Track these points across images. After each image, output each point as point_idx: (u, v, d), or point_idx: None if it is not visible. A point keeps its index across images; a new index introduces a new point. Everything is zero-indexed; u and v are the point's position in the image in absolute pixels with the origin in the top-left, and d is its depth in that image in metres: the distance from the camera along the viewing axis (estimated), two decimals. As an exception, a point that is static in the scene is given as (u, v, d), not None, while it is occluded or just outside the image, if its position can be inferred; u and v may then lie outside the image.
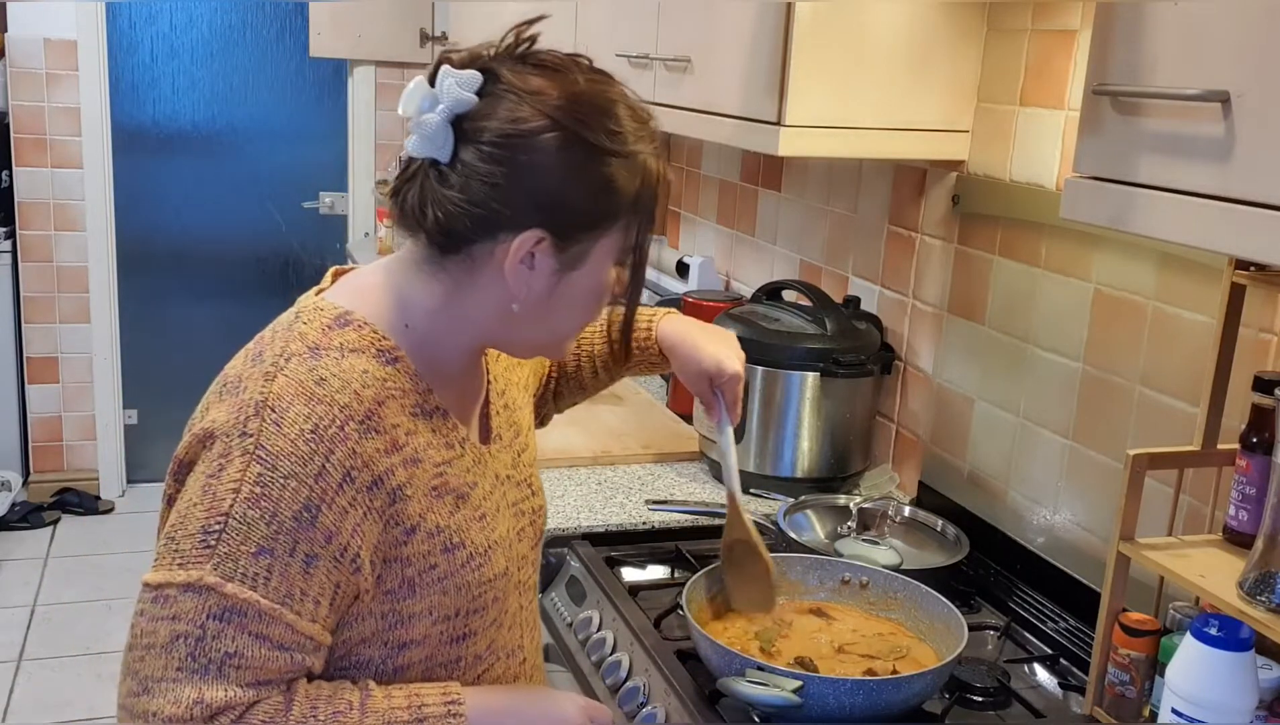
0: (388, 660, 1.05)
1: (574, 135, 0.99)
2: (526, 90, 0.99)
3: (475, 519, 1.08)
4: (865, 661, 1.37)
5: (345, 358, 1.01)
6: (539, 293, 1.04)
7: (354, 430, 0.97)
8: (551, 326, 1.09)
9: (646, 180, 1.04)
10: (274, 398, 0.97)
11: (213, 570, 0.94)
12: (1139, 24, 1.01)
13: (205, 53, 4.40)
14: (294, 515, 0.95)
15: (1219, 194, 0.92)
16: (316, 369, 0.99)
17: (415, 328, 1.06)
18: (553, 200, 1.00)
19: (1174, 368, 1.42)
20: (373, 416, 0.99)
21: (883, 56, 1.66)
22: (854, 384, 1.93)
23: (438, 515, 1.04)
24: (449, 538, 1.04)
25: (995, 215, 1.73)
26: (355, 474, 0.97)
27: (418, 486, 1.02)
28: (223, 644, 0.94)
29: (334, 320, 1.03)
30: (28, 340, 4.30)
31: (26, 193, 4.18)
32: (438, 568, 1.04)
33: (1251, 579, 1.11)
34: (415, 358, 1.06)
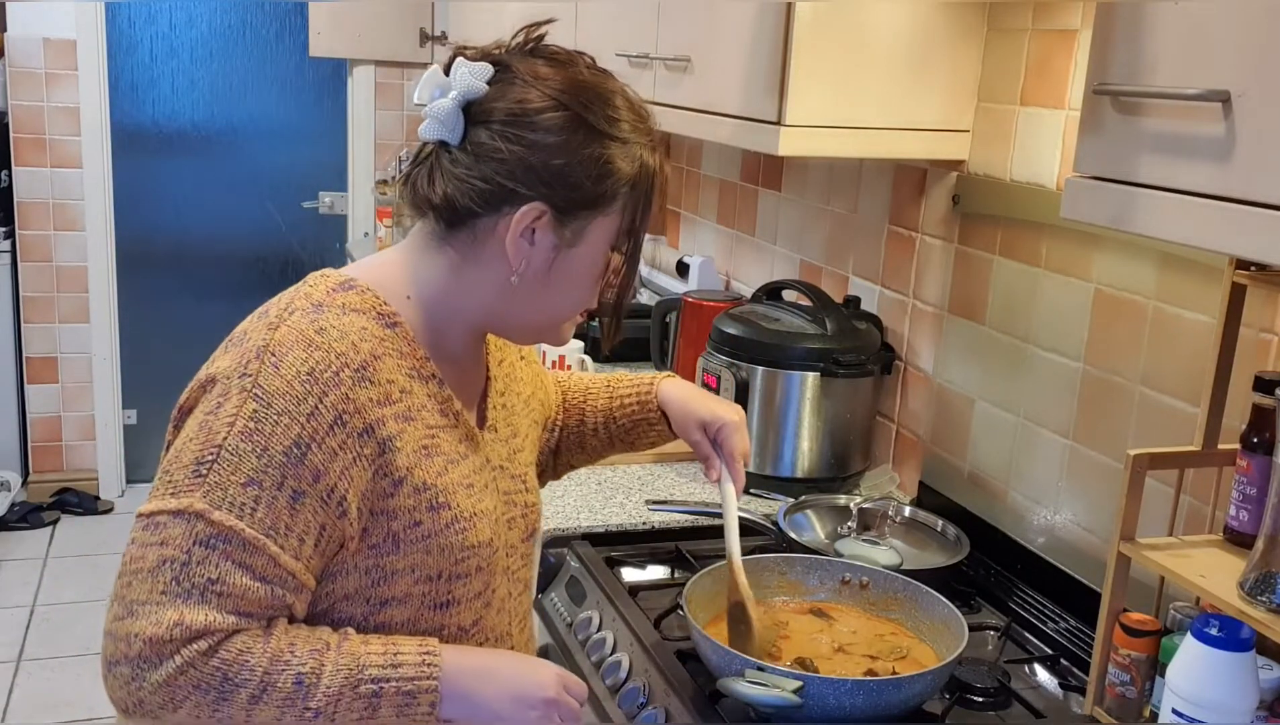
0: (369, 618, 1.07)
1: (576, 116, 1.05)
2: (533, 76, 1.06)
3: (463, 485, 1.11)
4: (865, 662, 1.37)
5: (346, 315, 1.05)
6: (538, 267, 1.08)
7: (349, 377, 1.01)
8: (548, 306, 1.12)
9: (644, 170, 1.09)
10: (275, 343, 1.02)
11: (202, 498, 0.97)
12: (1139, 24, 1.01)
13: (205, 52, 4.40)
14: (284, 451, 0.99)
15: (1219, 194, 0.92)
16: (318, 321, 1.04)
17: (417, 299, 1.12)
18: (554, 176, 1.05)
19: (1174, 368, 1.42)
20: (368, 367, 1.03)
21: (883, 56, 1.66)
22: (854, 384, 1.93)
23: (425, 472, 1.07)
24: (435, 496, 1.07)
25: (996, 215, 1.73)
26: (347, 418, 1.01)
27: (408, 441, 1.05)
28: (206, 569, 0.97)
29: (339, 285, 1.08)
30: (27, 340, 4.30)
31: (26, 192, 4.18)
32: (422, 525, 1.07)
33: (1252, 579, 1.11)
34: (415, 327, 1.10)
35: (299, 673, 0.99)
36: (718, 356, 1.97)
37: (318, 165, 4.59)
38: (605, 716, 1.42)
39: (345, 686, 1.00)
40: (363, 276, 1.11)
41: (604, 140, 1.07)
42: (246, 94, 4.46)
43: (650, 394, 1.44)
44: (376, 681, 1.02)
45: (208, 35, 4.38)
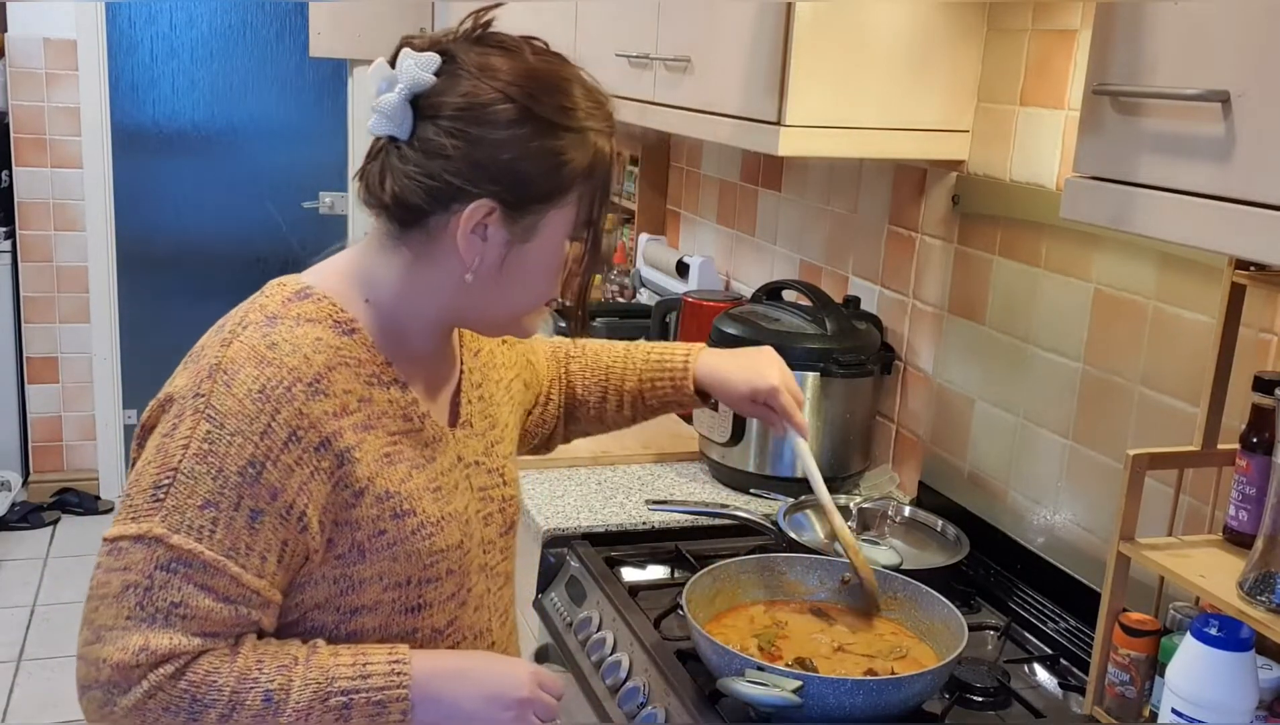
0: (340, 626, 1.07)
1: (525, 109, 1.03)
2: (482, 68, 1.04)
3: (429, 490, 1.10)
4: (865, 661, 1.37)
5: (300, 326, 1.04)
6: (491, 264, 1.07)
7: (301, 392, 1.01)
8: (507, 301, 1.11)
9: (599, 157, 1.07)
10: (227, 361, 1.01)
11: (161, 522, 0.98)
12: (1139, 24, 1.01)
13: (205, 52, 4.40)
14: (239, 471, 0.98)
15: (1219, 194, 0.92)
16: (270, 335, 1.03)
17: (376, 302, 1.10)
18: (503, 171, 1.04)
19: (1174, 368, 1.42)
20: (321, 380, 1.02)
21: (883, 56, 1.66)
22: (854, 384, 1.93)
23: (387, 480, 1.06)
24: (399, 504, 1.07)
25: (995, 215, 1.73)
26: (302, 434, 1.00)
27: (368, 451, 1.05)
28: (169, 593, 0.97)
29: (294, 294, 1.08)
30: (27, 340, 4.31)
31: (26, 193, 4.19)
32: (387, 533, 1.06)
33: (1251, 579, 1.11)
34: (375, 331, 1.09)
35: (267, 690, 1.00)
36: (718, 356, 1.97)
37: (318, 165, 4.59)
38: (605, 716, 1.42)
39: (315, 700, 1.01)
40: (320, 282, 1.10)
41: (556, 132, 1.04)
42: (247, 94, 4.46)
43: (685, 377, 1.43)
44: (346, 693, 1.02)
45: (208, 35, 4.38)
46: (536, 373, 1.42)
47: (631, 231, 3.07)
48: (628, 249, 3.05)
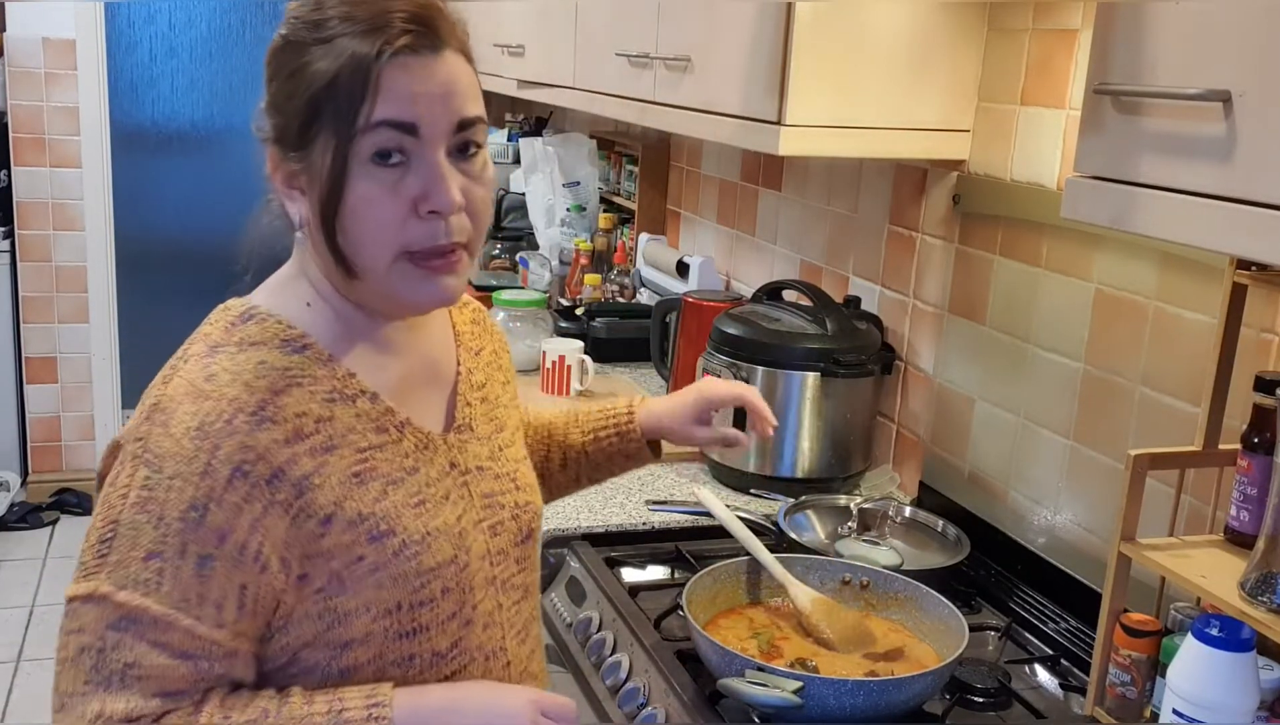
0: (333, 663, 1.00)
1: (282, 38, 0.99)
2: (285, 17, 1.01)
3: (410, 505, 1.02)
4: (866, 662, 1.36)
5: (243, 352, 0.98)
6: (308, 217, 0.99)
7: (244, 423, 0.94)
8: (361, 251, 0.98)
9: (353, 60, 0.94)
10: (165, 400, 0.95)
11: (107, 579, 0.92)
12: (1140, 23, 1.01)
13: (204, 52, 4.40)
14: (180, 516, 0.92)
15: (1220, 194, 0.92)
16: (209, 366, 0.97)
17: (319, 304, 1.04)
18: (270, 112, 1.00)
19: (1175, 368, 1.42)
20: (267, 406, 0.95)
21: (883, 56, 1.65)
22: (854, 384, 1.92)
23: (359, 502, 0.99)
24: (374, 525, 0.99)
25: (996, 215, 1.73)
26: (248, 468, 0.93)
27: (332, 474, 0.97)
28: (121, 654, 0.91)
29: (237, 317, 1.02)
30: (26, 340, 4.30)
31: (25, 192, 4.18)
32: (366, 559, 0.98)
33: (1253, 579, 1.11)
34: (329, 340, 1.02)
35: None
36: (718, 356, 1.97)
37: (317, 165, 4.59)
38: (605, 716, 1.42)
39: None
40: (265, 299, 1.04)
41: (304, 50, 0.97)
42: (246, 94, 4.46)
43: (630, 422, 1.37)
44: None
45: (207, 35, 4.38)
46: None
47: (631, 231, 3.07)
48: (628, 249, 3.04)
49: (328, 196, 0.96)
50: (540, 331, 2.59)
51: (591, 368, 2.38)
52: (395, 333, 1.07)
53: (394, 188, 0.96)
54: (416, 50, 0.95)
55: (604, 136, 3.29)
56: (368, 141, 0.94)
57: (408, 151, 0.96)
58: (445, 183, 0.97)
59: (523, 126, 3.94)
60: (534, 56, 2.65)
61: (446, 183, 0.97)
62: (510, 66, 2.80)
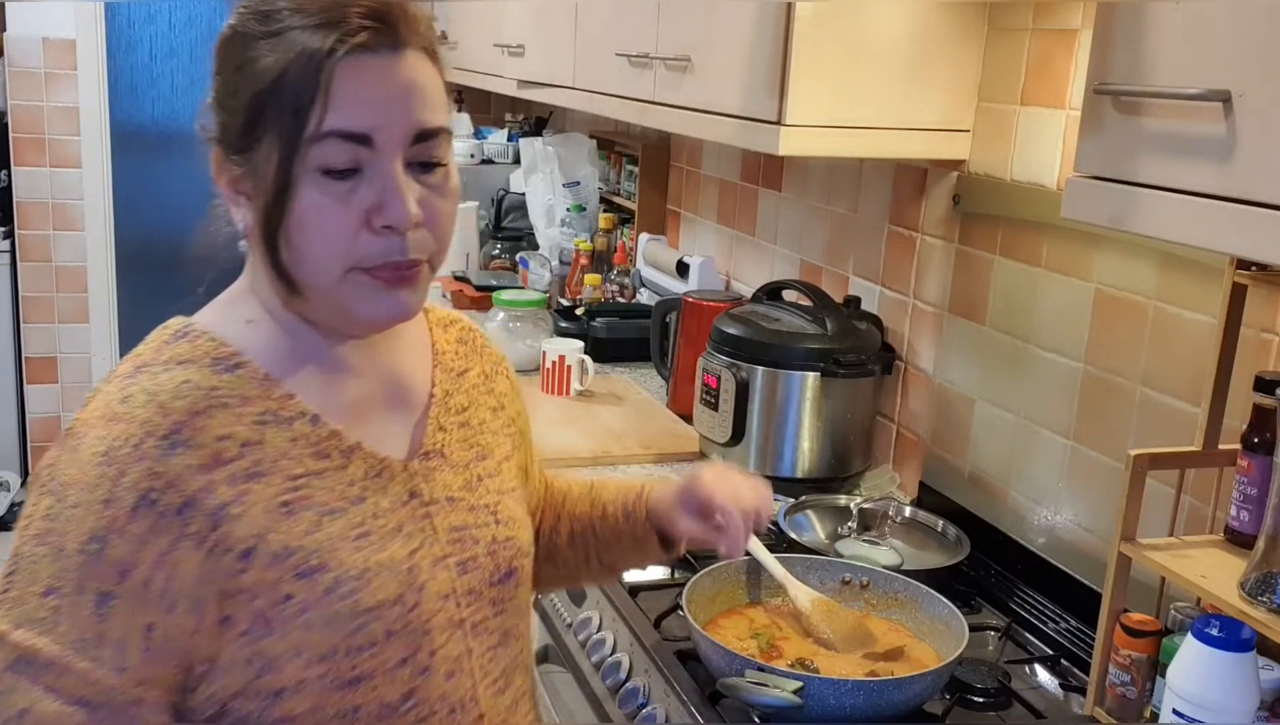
0: (265, 714, 0.90)
1: (229, 29, 0.91)
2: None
3: (349, 538, 0.92)
4: (866, 662, 1.36)
5: (167, 372, 0.90)
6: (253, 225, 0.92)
7: (154, 447, 0.85)
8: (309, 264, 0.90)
9: (304, 55, 0.86)
10: (78, 425, 0.88)
11: (5, 616, 0.84)
12: (1140, 23, 1.01)
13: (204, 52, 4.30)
14: (80, 548, 0.83)
15: (1220, 194, 0.92)
16: (127, 387, 0.89)
17: (263, 320, 0.96)
18: (215, 110, 0.92)
19: (1175, 368, 1.42)
20: (182, 429, 0.87)
21: (883, 56, 1.65)
22: (854, 384, 1.92)
23: (286, 534, 0.89)
24: (304, 559, 0.89)
25: (996, 215, 1.73)
26: (156, 496, 0.85)
27: (254, 503, 0.88)
28: (15, 699, 0.82)
29: (173, 334, 0.94)
30: (26, 340, 4.30)
31: (25, 192, 4.18)
32: (295, 598, 0.89)
33: (1253, 579, 1.11)
34: (269, 358, 0.94)
35: None
36: (718, 356, 1.97)
37: (317, 165, 4.59)
38: (605, 716, 1.42)
39: None
40: (206, 315, 0.97)
41: (251, 43, 0.88)
42: (246, 94, 4.46)
43: (638, 502, 1.20)
44: None
45: (207, 35, 4.38)
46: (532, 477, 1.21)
47: (631, 231, 3.07)
48: (628, 249, 3.04)
49: (271, 207, 0.88)
50: (540, 331, 2.59)
51: (591, 368, 2.39)
52: (353, 351, 0.99)
53: (345, 198, 0.88)
54: (374, 49, 0.87)
55: (604, 136, 3.29)
56: (316, 152, 0.87)
57: (361, 161, 0.88)
58: (401, 195, 0.88)
59: (523, 126, 3.94)
60: (534, 56, 2.65)
61: (403, 195, 0.88)
62: (510, 66, 2.80)
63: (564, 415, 2.27)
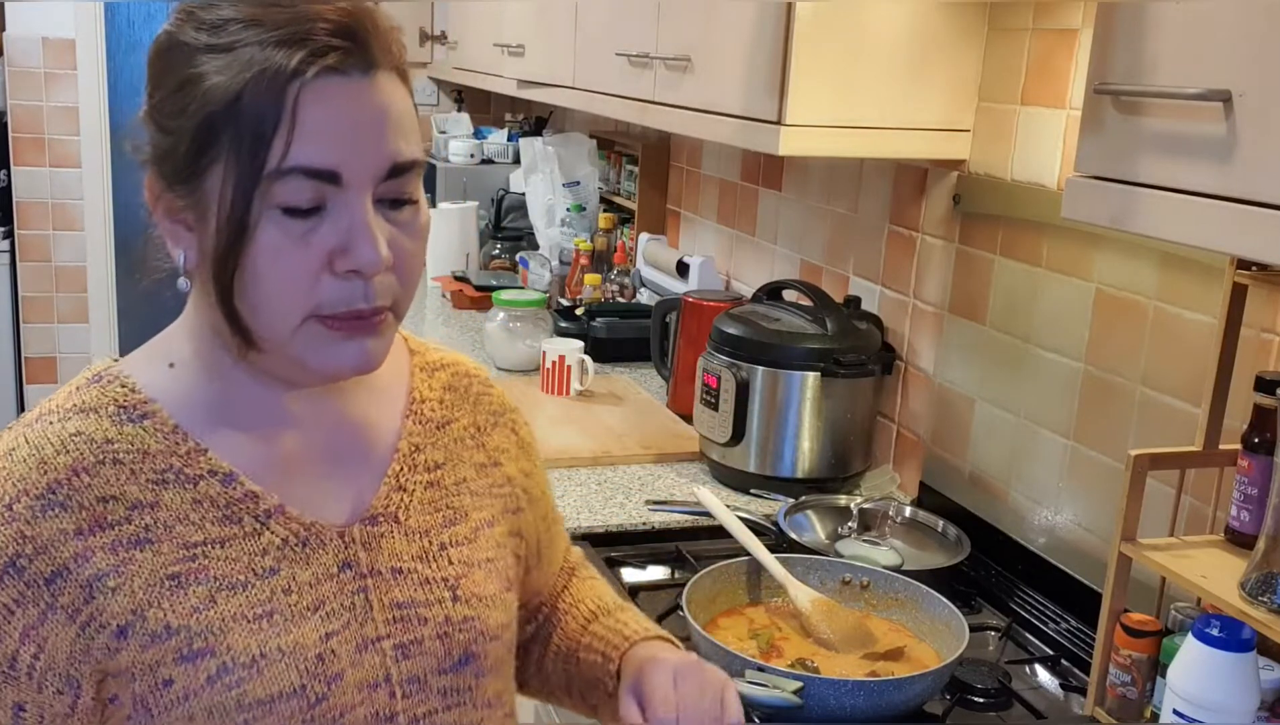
0: None
1: (166, 34, 0.80)
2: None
3: (247, 618, 0.81)
4: (866, 663, 1.36)
5: (63, 421, 0.81)
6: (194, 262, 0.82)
7: (26, 508, 0.77)
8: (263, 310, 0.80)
9: (266, 78, 0.75)
10: None
11: None
12: (1140, 23, 1.01)
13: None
14: None
15: (1221, 193, 0.92)
16: (16, 438, 0.81)
17: (187, 363, 0.87)
18: (151, 126, 0.80)
19: (1175, 368, 1.42)
20: (60, 488, 0.78)
21: (884, 56, 1.65)
22: (854, 384, 1.92)
23: (169, 611, 0.79)
24: (188, 641, 0.79)
25: (996, 215, 1.73)
26: (24, 563, 0.76)
27: (137, 573, 0.79)
28: None
29: (89, 378, 0.86)
30: (26, 340, 4.30)
31: (25, 192, 4.18)
32: (174, 684, 0.79)
33: (1253, 580, 1.11)
34: (185, 407, 0.85)
35: None
36: (718, 356, 1.97)
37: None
38: (605, 717, 1.42)
39: None
40: (128, 360, 0.88)
41: (195, 56, 0.77)
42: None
43: (622, 645, 1.02)
44: None
45: (207, 35, 4.38)
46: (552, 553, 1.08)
47: (631, 231, 3.07)
48: (628, 249, 3.04)
49: (224, 250, 0.77)
50: (540, 331, 2.59)
51: (591, 368, 2.38)
52: (295, 399, 0.88)
53: (304, 238, 0.77)
54: (344, 70, 0.76)
55: (604, 136, 3.29)
56: (278, 190, 0.76)
57: (325, 199, 0.78)
58: (370, 237, 0.78)
59: (523, 126, 3.94)
60: (534, 56, 2.65)
61: (372, 237, 0.78)
62: (510, 66, 2.80)
63: (564, 415, 2.27)
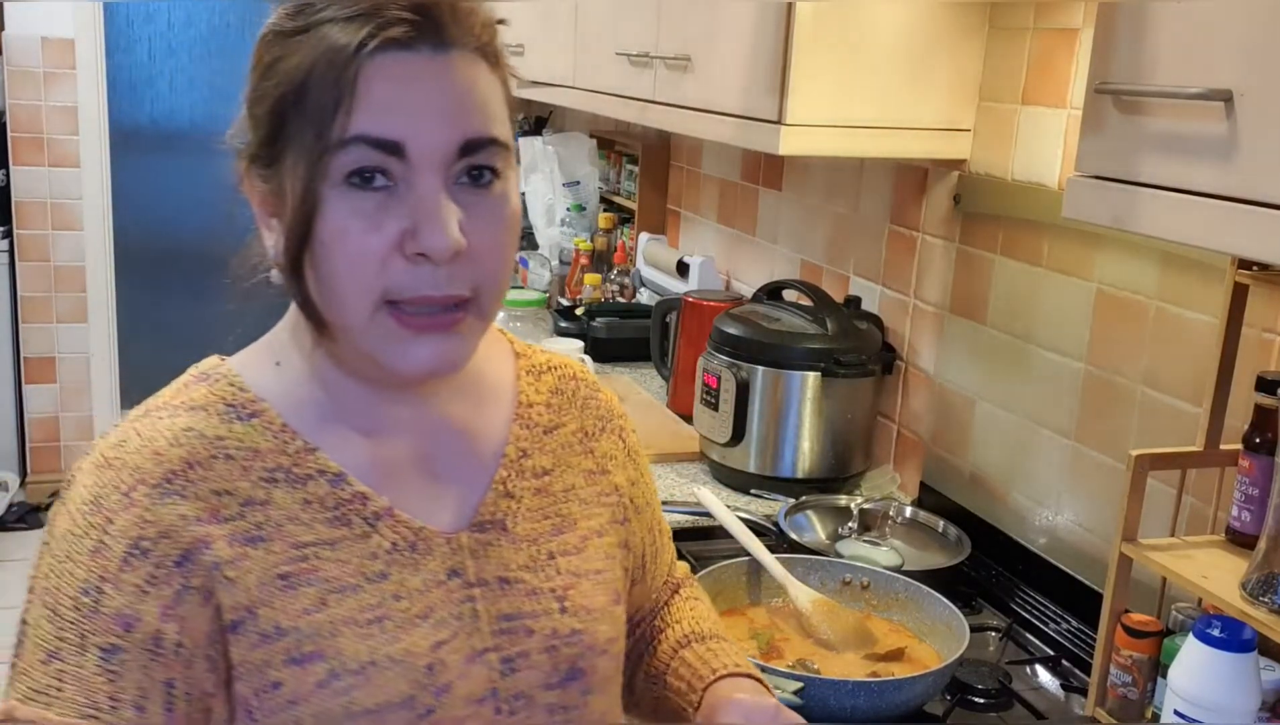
0: None
1: (266, 29, 0.81)
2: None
3: (358, 623, 0.79)
4: (867, 663, 1.36)
5: (172, 417, 0.81)
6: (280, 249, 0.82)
7: (145, 495, 0.77)
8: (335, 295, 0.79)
9: (332, 54, 0.75)
10: (75, 473, 0.81)
11: (13, 690, 0.75)
12: (1141, 23, 1.00)
13: (203, 51, 4.39)
14: (74, 603, 0.75)
15: (1222, 193, 0.92)
16: (126, 432, 0.81)
17: (292, 362, 0.86)
18: (246, 118, 0.83)
19: (1176, 368, 1.42)
20: (176, 478, 0.78)
21: (884, 55, 1.65)
22: (855, 384, 1.92)
23: (280, 611, 0.78)
24: (299, 644, 0.78)
25: (997, 214, 1.73)
26: (149, 545, 0.76)
27: (251, 569, 0.78)
28: None
29: (197, 376, 0.85)
30: (25, 340, 4.30)
31: (24, 192, 4.18)
32: (283, 688, 0.77)
33: (1254, 580, 1.11)
34: (293, 406, 0.84)
35: None
36: (718, 356, 1.97)
37: (317, 165, 4.60)
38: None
39: None
40: (237, 358, 0.87)
41: (282, 43, 0.78)
42: (245, 93, 4.47)
43: (708, 676, 0.98)
44: None
45: (207, 34, 4.38)
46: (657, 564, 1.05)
47: (631, 231, 3.06)
48: (628, 248, 3.04)
49: (294, 229, 0.78)
50: (540, 331, 2.58)
51: (591, 368, 2.38)
52: (400, 402, 0.87)
53: (374, 217, 0.76)
54: (410, 45, 0.76)
55: (604, 136, 3.29)
56: (340, 161, 0.75)
57: (394, 175, 0.77)
58: (438, 218, 0.76)
59: (523, 126, 3.93)
60: (534, 56, 2.65)
61: (441, 217, 0.76)
62: (510, 66, 2.79)
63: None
